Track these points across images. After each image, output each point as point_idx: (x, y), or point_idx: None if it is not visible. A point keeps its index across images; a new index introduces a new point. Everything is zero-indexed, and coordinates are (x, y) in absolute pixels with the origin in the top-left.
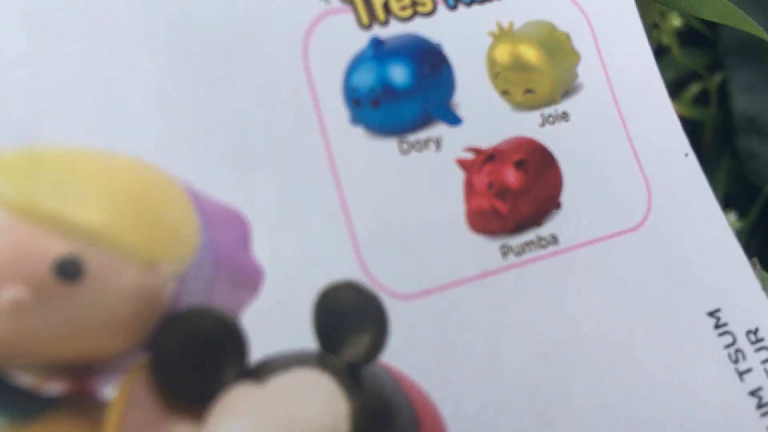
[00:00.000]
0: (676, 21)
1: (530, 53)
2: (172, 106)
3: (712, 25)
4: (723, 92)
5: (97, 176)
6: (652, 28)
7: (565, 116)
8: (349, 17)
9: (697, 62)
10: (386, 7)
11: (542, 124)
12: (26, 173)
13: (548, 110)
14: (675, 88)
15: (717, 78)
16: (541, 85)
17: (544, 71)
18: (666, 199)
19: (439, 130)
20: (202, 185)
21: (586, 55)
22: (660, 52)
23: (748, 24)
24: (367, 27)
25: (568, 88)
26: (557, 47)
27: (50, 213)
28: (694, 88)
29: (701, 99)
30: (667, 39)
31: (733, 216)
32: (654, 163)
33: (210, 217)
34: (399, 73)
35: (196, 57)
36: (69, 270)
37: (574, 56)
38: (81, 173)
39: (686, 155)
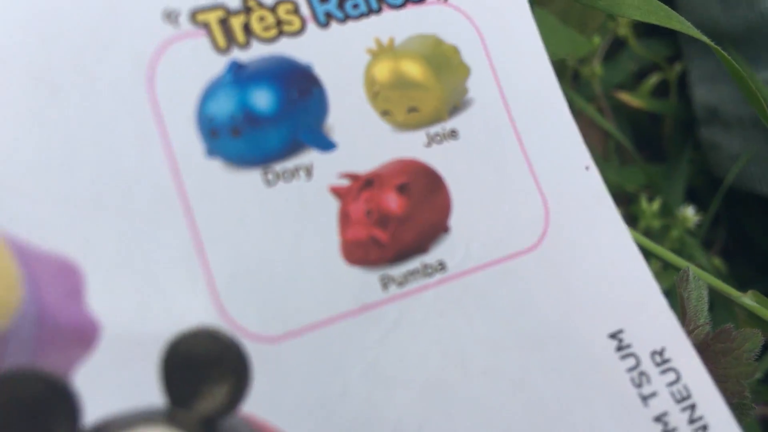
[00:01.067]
0: None
1: (413, 69)
2: None
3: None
4: (683, 83)
5: None
6: (607, 19)
7: (453, 134)
8: (202, 41)
9: (656, 53)
10: (246, 29)
11: (428, 144)
12: None
13: (435, 128)
14: (634, 80)
15: (677, 68)
16: (426, 103)
17: (429, 88)
18: (565, 215)
19: (310, 156)
20: (27, 234)
21: (476, 68)
22: (617, 44)
23: (674, 21)
24: (225, 51)
25: (456, 104)
26: (444, 62)
27: None
28: (653, 80)
29: (661, 90)
30: (623, 31)
31: (690, 210)
32: (552, 179)
33: (35, 270)
34: (262, 99)
35: (20, 92)
36: None
37: (463, 70)
38: None
39: (587, 168)
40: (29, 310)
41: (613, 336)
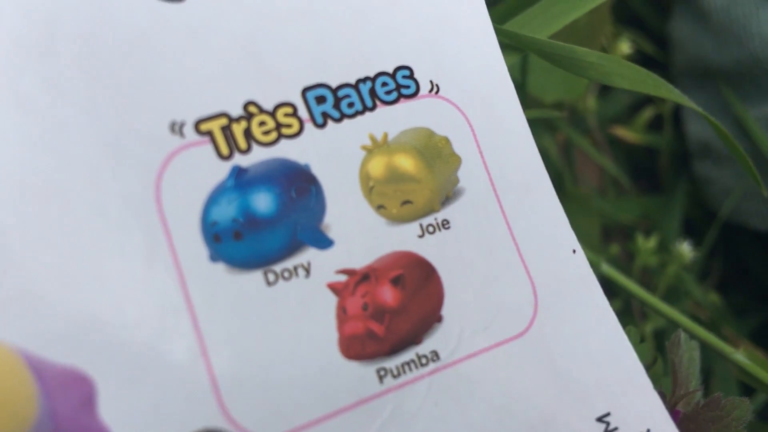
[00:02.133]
0: (625, 47)
1: (406, 163)
2: (8, 269)
3: (663, 49)
4: (678, 116)
5: None
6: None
7: (445, 224)
8: (206, 149)
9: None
10: (248, 134)
11: (421, 235)
12: None
13: (427, 219)
14: (628, 114)
15: (670, 103)
16: (420, 195)
17: (422, 180)
18: (553, 300)
19: (309, 254)
20: (41, 349)
21: (467, 157)
22: None
23: (663, 90)
24: (227, 157)
25: (448, 194)
26: (436, 153)
27: None
28: (647, 113)
29: (656, 123)
30: None
31: (686, 246)
32: (540, 263)
33: (49, 383)
34: (262, 201)
35: (30, 215)
36: None
37: (454, 160)
38: None
39: (574, 251)
40: (45, 424)
41: (600, 419)
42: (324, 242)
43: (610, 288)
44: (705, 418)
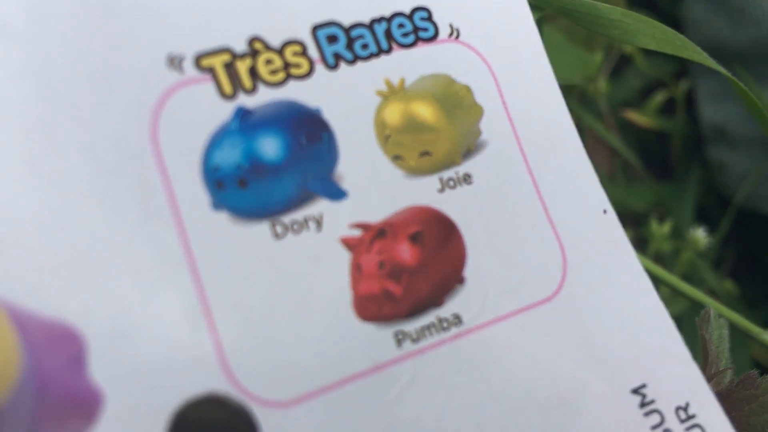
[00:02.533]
0: None
1: (425, 111)
2: None
3: (676, 30)
4: (690, 100)
5: None
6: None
7: (467, 178)
8: (207, 87)
9: (662, 70)
10: (253, 73)
11: (441, 190)
12: None
13: (448, 173)
14: (640, 98)
15: (683, 86)
16: (439, 146)
17: (442, 130)
18: (583, 263)
19: (320, 206)
20: (25, 300)
21: (490, 108)
22: (624, 62)
23: (689, 51)
24: (231, 97)
25: (470, 147)
26: (456, 102)
27: None
28: (659, 97)
29: (668, 107)
30: (629, 48)
31: (700, 232)
32: (569, 224)
33: (35, 339)
34: (270, 146)
35: (15, 146)
36: None
37: (476, 111)
38: None
39: (605, 212)
40: (28, 383)
41: (636, 391)
42: (337, 193)
43: None
44: (739, 396)
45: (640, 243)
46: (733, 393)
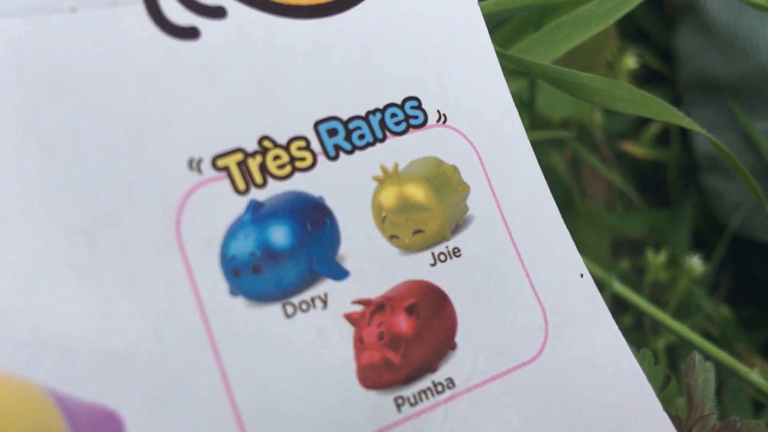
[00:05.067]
0: (630, 62)
1: (417, 193)
2: (35, 308)
3: (669, 63)
4: (684, 130)
5: None
6: (607, 69)
7: (456, 252)
8: (224, 185)
9: None
10: (263, 169)
11: (433, 264)
12: None
13: (439, 248)
14: (635, 129)
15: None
16: (431, 224)
17: (433, 209)
18: (563, 324)
19: (325, 286)
20: (69, 387)
21: (475, 185)
22: None
23: (666, 113)
24: (244, 192)
25: (458, 223)
26: (445, 182)
27: None
28: (654, 128)
29: (663, 137)
30: (623, 79)
31: (696, 260)
32: (549, 288)
33: (79, 421)
34: (279, 234)
35: (57, 249)
36: None
37: (463, 189)
38: None
39: (582, 275)
40: None
41: None
42: (340, 273)
43: (621, 304)
44: None
45: (638, 271)
46: None
